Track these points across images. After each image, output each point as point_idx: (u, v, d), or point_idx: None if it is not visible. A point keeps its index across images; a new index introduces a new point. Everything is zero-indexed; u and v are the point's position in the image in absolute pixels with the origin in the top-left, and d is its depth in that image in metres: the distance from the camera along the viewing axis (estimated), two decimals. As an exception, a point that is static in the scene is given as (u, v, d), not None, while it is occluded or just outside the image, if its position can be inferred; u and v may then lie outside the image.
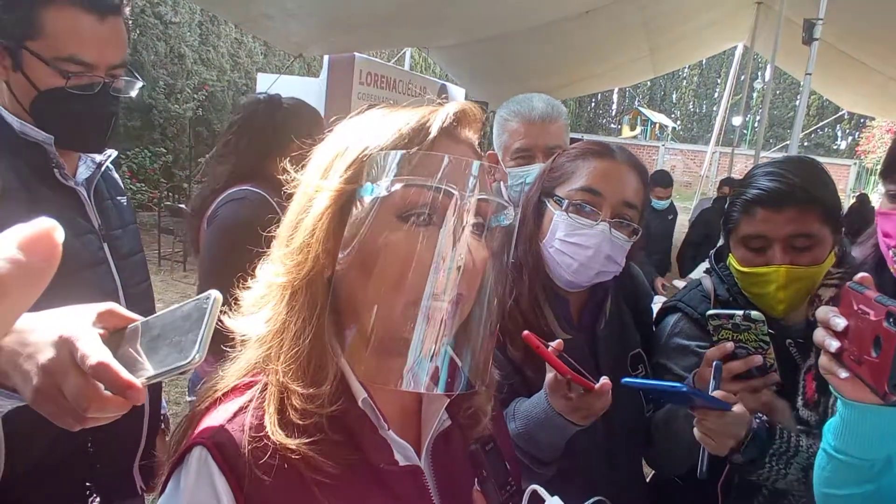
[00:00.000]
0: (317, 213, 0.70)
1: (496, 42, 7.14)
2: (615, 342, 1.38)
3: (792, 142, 4.93)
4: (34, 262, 0.25)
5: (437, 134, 0.71)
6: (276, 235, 0.76)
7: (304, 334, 0.69)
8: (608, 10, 6.42)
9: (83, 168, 1.37)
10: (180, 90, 9.61)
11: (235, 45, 10.88)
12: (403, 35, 6.98)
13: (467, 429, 0.83)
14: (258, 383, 0.71)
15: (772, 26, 6.15)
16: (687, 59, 12.70)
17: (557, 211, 1.28)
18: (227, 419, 0.67)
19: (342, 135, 0.76)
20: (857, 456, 0.91)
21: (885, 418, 0.89)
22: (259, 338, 0.72)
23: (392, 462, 0.72)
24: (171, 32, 9.50)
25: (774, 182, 1.34)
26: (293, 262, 0.70)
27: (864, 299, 0.85)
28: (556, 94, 13.57)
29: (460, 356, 0.72)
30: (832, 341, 0.90)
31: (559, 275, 1.30)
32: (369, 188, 0.68)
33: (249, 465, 0.64)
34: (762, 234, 1.35)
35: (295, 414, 0.66)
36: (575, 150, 1.35)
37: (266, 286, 0.73)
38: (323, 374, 0.69)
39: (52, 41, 1.20)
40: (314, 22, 5.49)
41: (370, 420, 0.72)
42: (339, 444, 0.68)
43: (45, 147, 1.25)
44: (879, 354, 0.81)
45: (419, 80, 8.99)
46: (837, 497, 0.97)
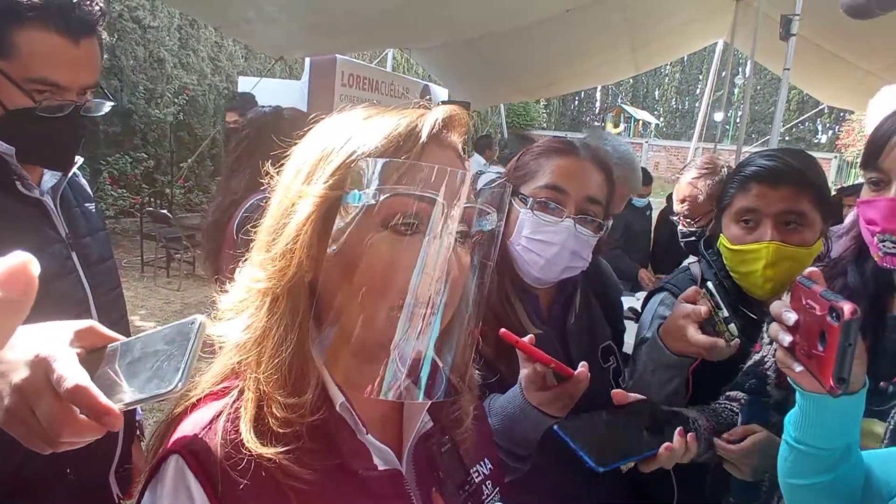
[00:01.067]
0: (300, 219, 0.68)
1: (479, 42, 7.15)
2: (585, 336, 1.40)
3: (773, 136, 4.97)
4: (13, 296, 0.25)
5: (426, 141, 0.70)
6: (255, 240, 0.74)
7: (285, 342, 0.68)
8: (589, 8, 6.43)
9: (48, 176, 1.34)
10: (160, 95, 9.51)
11: (216, 49, 10.78)
12: (385, 36, 6.96)
13: (450, 430, 0.82)
14: (233, 389, 0.69)
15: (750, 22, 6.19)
16: (668, 56, 12.77)
17: (523, 209, 1.30)
18: (203, 426, 0.66)
19: (325, 137, 0.74)
20: (816, 445, 0.94)
21: (843, 408, 0.92)
22: (237, 344, 0.70)
23: (371, 467, 0.71)
24: (149, 37, 9.40)
25: (772, 161, 1.42)
26: (275, 268, 0.69)
27: (811, 294, 0.87)
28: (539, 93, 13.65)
29: (441, 362, 0.71)
30: (785, 336, 0.92)
31: (527, 272, 1.32)
32: (356, 196, 0.67)
33: (224, 473, 0.63)
34: (755, 208, 1.41)
35: (275, 422, 0.65)
36: (539, 148, 1.37)
37: (245, 291, 0.71)
38: (305, 383, 0.68)
39: (23, 62, 1.17)
40: (295, 25, 5.46)
41: (349, 425, 0.71)
42: (316, 451, 0.67)
43: (6, 158, 1.22)
44: (825, 349, 0.83)
45: (402, 80, 9.00)
46: (799, 487, 0.99)
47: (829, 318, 0.82)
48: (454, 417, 0.82)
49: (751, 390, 1.30)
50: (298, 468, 0.64)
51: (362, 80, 7.62)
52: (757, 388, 1.29)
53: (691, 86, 33.15)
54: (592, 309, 1.46)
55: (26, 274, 0.26)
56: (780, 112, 4.87)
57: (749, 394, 1.30)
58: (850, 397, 0.91)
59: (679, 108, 34.27)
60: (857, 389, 0.92)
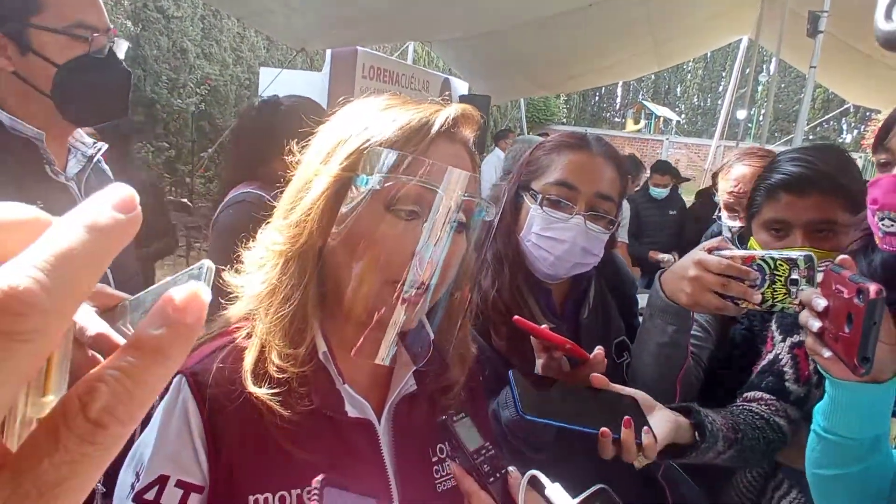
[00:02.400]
0: (315, 194, 0.77)
1: (499, 36, 7.11)
2: (599, 330, 1.39)
3: (797, 135, 4.91)
4: (132, 216, 0.26)
5: (435, 135, 0.79)
6: (277, 207, 0.84)
7: (291, 299, 0.77)
8: (612, 2, 6.37)
9: (73, 162, 1.35)
10: (183, 85, 9.58)
11: (238, 40, 10.84)
12: (406, 29, 6.95)
13: (438, 396, 0.90)
14: (242, 330, 0.82)
15: (776, 19, 6.10)
16: (691, 52, 12.63)
17: (533, 205, 1.29)
18: (206, 355, 0.79)
19: (346, 121, 0.82)
20: (845, 435, 0.94)
21: (873, 397, 0.91)
22: (254, 295, 0.80)
23: (341, 412, 0.81)
24: (173, 27, 9.47)
25: (799, 167, 1.35)
26: (290, 234, 0.78)
27: (841, 279, 0.89)
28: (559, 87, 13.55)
29: (424, 334, 0.81)
30: (814, 321, 0.93)
31: (537, 268, 1.32)
32: (364, 179, 0.74)
33: (214, 397, 0.75)
34: (784, 219, 1.37)
35: (273, 368, 0.75)
36: (551, 143, 1.35)
37: (265, 250, 0.81)
38: (301, 337, 0.78)
39: (55, 10, 1.16)
40: (316, 16, 5.48)
41: (329, 373, 0.81)
42: (301, 396, 0.77)
43: (36, 143, 1.23)
44: (851, 330, 0.85)
45: (422, 73, 8.98)
46: (827, 477, 0.99)
47: (855, 300, 0.84)
48: (444, 386, 0.90)
49: (769, 388, 1.28)
50: (281, 408, 0.75)
51: (383, 73, 7.62)
52: (775, 385, 1.28)
53: (714, 83, 32.76)
54: (607, 304, 1.45)
55: (134, 202, 0.26)
56: (804, 110, 4.80)
57: (768, 392, 1.28)
58: (880, 386, 0.91)
59: (701, 105, 33.88)
60: (887, 378, 0.91)
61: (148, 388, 0.24)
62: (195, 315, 0.26)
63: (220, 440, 0.75)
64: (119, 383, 0.24)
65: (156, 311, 0.26)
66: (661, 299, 1.25)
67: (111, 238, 0.25)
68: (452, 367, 0.90)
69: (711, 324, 1.58)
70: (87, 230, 0.24)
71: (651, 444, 1.02)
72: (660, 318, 1.26)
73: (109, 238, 0.25)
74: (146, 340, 0.25)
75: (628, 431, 1.01)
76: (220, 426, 0.76)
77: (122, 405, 0.23)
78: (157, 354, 0.25)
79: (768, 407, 1.26)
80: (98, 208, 0.25)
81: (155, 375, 0.25)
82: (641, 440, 1.02)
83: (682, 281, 1.18)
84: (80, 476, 0.23)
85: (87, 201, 0.25)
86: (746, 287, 1.10)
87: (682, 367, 1.30)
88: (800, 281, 1.06)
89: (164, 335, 0.25)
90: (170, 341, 0.25)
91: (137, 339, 0.25)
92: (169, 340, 0.25)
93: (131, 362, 0.24)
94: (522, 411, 0.99)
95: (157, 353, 0.25)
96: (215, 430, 0.75)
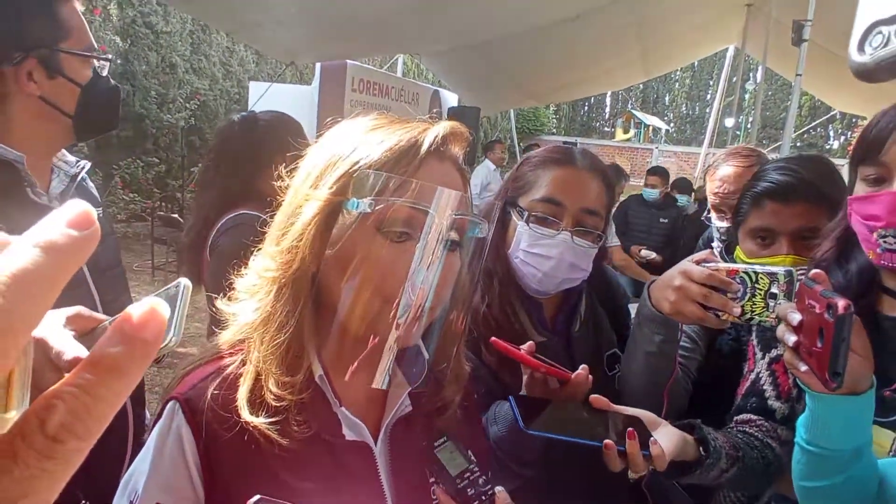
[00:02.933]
0: (306, 219, 0.76)
1: (488, 48, 7.15)
2: (590, 343, 1.39)
3: (784, 142, 4.95)
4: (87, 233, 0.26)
5: (424, 155, 0.78)
6: (268, 233, 0.83)
7: (286, 326, 0.76)
8: (599, 13, 6.43)
9: (56, 182, 1.34)
10: (172, 100, 9.58)
11: (227, 54, 10.85)
12: (395, 42, 6.98)
13: (434, 416, 0.89)
14: (236, 355, 0.80)
15: (762, 28, 6.17)
16: (678, 61, 12.74)
17: (520, 222, 1.29)
18: (200, 379, 0.77)
19: (333, 143, 0.81)
20: (826, 447, 0.95)
21: (852, 408, 0.92)
22: (247, 322, 0.79)
23: (339, 435, 0.80)
24: (162, 42, 9.47)
25: (785, 176, 1.38)
26: (282, 260, 0.77)
27: (813, 294, 0.90)
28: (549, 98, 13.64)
29: (420, 356, 0.81)
30: (790, 336, 0.94)
31: (526, 284, 1.31)
32: (355, 203, 0.74)
33: (209, 424, 0.73)
34: (770, 227, 1.39)
35: (270, 396, 0.74)
36: (536, 158, 1.35)
37: (257, 277, 0.80)
38: (298, 364, 0.77)
39: (77, 35, 1.23)
40: (305, 30, 5.48)
41: (325, 397, 0.80)
42: (299, 423, 0.76)
43: (17, 166, 1.22)
44: (822, 345, 0.86)
45: (412, 86, 9.01)
46: (812, 489, 1.00)
47: (826, 315, 0.85)
48: (438, 406, 0.89)
49: (754, 410, 1.27)
50: (278, 437, 0.73)
51: (373, 86, 7.64)
52: (760, 405, 1.27)
53: (702, 91, 33.03)
54: (598, 316, 1.44)
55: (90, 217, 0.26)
56: (791, 118, 4.84)
57: (755, 414, 1.27)
58: (858, 397, 0.92)
59: (689, 113, 34.14)
60: (864, 389, 0.92)
61: (106, 404, 0.25)
62: (153, 331, 0.26)
63: (216, 468, 0.74)
64: (76, 400, 0.24)
65: (113, 329, 0.26)
66: (648, 308, 1.25)
67: (66, 257, 0.26)
68: (447, 387, 0.89)
69: (699, 335, 1.58)
70: (42, 250, 0.25)
71: (660, 454, 1.01)
72: (647, 327, 1.26)
73: (64, 257, 0.25)
74: (103, 358, 0.25)
75: (633, 443, 1.01)
76: (215, 454, 0.74)
77: (79, 421, 0.24)
78: (113, 371, 0.25)
79: (759, 429, 1.25)
80: (53, 227, 0.26)
81: (112, 391, 0.25)
82: (649, 451, 1.01)
83: (667, 290, 1.18)
84: (40, 491, 0.23)
85: (44, 220, 0.26)
86: (727, 299, 1.10)
87: (669, 377, 1.29)
88: (779, 295, 1.06)
89: (122, 352, 0.26)
90: (127, 358, 0.26)
91: (95, 357, 0.26)
92: (126, 357, 0.26)
93: (88, 379, 0.25)
94: (525, 426, 0.99)
95: (113, 370, 0.25)
96: (211, 458, 0.74)
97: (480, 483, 0.84)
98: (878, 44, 0.75)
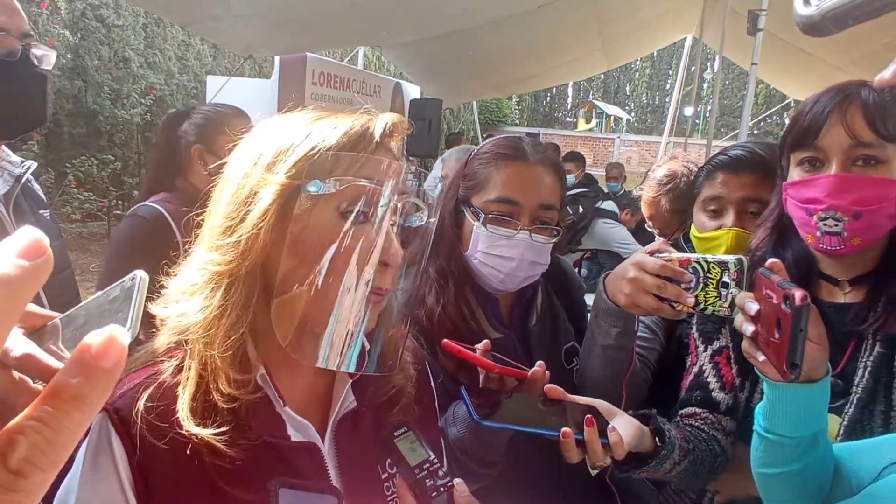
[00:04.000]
0: (263, 205, 0.73)
1: (450, 39, 7.12)
2: (548, 337, 1.38)
3: (742, 130, 5.04)
4: (38, 262, 0.26)
5: (380, 140, 0.78)
6: (209, 224, 0.78)
7: (240, 322, 0.73)
8: (560, 4, 6.45)
9: (0, 183, 1.29)
10: (126, 95, 9.30)
11: (183, 48, 10.58)
12: (355, 33, 6.90)
13: (385, 410, 0.87)
14: (169, 362, 0.75)
15: (718, 18, 6.26)
16: (638, 51, 12.89)
17: (476, 223, 1.26)
18: (130, 388, 0.72)
19: (281, 132, 0.79)
20: (784, 434, 0.96)
21: (808, 396, 0.94)
22: (191, 323, 0.74)
23: (284, 437, 0.77)
24: (114, 36, 9.18)
25: (738, 150, 1.49)
26: (236, 252, 0.73)
27: (770, 284, 0.89)
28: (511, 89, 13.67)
29: (372, 342, 0.79)
30: (748, 325, 0.94)
31: (486, 283, 1.30)
32: (317, 185, 0.73)
33: (143, 435, 0.69)
34: (720, 196, 1.47)
35: (222, 399, 0.71)
36: (487, 154, 1.32)
37: (200, 274, 0.76)
38: (250, 362, 0.75)
39: None
40: (263, 22, 5.38)
41: (268, 398, 0.77)
42: (246, 426, 0.73)
43: None
44: (780, 336, 0.86)
45: (373, 78, 8.93)
46: (770, 475, 1.01)
47: (783, 306, 0.85)
48: (390, 397, 0.87)
49: (699, 402, 1.27)
50: (225, 448, 0.69)
51: (333, 79, 7.54)
52: (704, 397, 1.27)
53: (661, 81, 33.49)
54: (555, 310, 1.43)
55: (41, 244, 0.27)
56: (748, 106, 4.93)
57: (699, 407, 1.27)
58: (814, 385, 0.93)
59: (650, 103, 34.61)
60: (820, 377, 0.94)
61: (68, 435, 0.25)
62: (113, 359, 0.27)
63: (153, 483, 0.70)
64: (37, 433, 0.25)
65: (74, 359, 0.27)
66: (604, 300, 1.24)
67: (19, 289, 0.26)
68: (393, 376, 0.87)
69: (659, 325, 1.59)
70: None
71: (618, 442, 1.00)
72: (604, 319, 1.26)
73: (16, 289, 0.26)
74: (64, 389, 0.26)
75: (591, 430, 1.00)
76: (149, 468, 0.70)
77: (41, 453, 0.25)
78: (75, 401, 0.26)
79: (704, 421, 1.25)
80: (4, 259, 0.26)
81: (75, 422, 0.26)
82: (608, 440, 1.00)
83: (622, 282, 1.18)
84: None
85: None
86: (681, 290, 1.10)
87: (627, 369, 1.29)
88: (730, 284, 1.06)
89: (82, 382, 0.26)
90: (88, 388, 0.26)
91: (56, 388, 0.26)
92: (87, 388, 0.26)
93: (48, 412, 0.25)
94: (479, 418, 0.97)
95: (75, 401, 0.26)
96: (145, 472, 0.70)
97: (439, 475, 0.83)
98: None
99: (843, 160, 1.05)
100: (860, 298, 1.13)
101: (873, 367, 1.08)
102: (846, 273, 1.14)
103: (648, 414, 1.16)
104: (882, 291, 1.11)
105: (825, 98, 1.08)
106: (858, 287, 1.13)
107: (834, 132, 1.05)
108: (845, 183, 1.04)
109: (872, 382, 1.08)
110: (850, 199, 1.04)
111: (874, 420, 1.08)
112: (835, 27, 0.65)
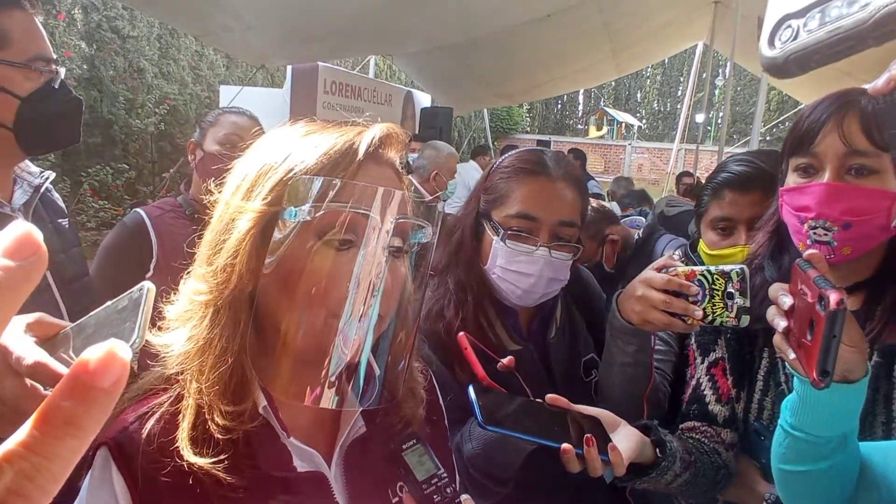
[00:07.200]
0: (240, 234, 0.71)
1: (460, 48, 7.15)
2: (567, 350, 1.36)
3: (753, 137, 5.03)
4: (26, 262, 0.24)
5: (363, 157, 0.74)
6: (198, 252, 0.77)
7: (227, 352, 0.71)
8: (569, 13, 6.46)
9: (19, 193, 1.31)
10: (141, 105, 9.40)
11: (196, 58, 10.69)
12: (367, 43, 6.94)
13: (396, 435, 0.84)
14: (169, 392, 0.74)
15: (729, 24, 6.25)
16: (649, 58, 12.86)
17: (495, 238, 1.25)
18: (132, 421, 0.70)
19: (264, 152, 0.76)
20: (813, 433, 0.91)
21: (843, 397, 0.89)
22: (181, 353, 0.73)
23: (290, 469, 0.74)
24: (129, 47, 9.30)
25: (742, 167, 1.45)
26: (217, 281, 0.72)
27: (805, 278, 0.84)
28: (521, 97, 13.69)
29: (372, 371, 0.73)
30: (780, 321, 0.90)
31: (505, 298, 1.29)
32: (293, 212, 0.69)
33: (145, 469, 0.67)
34: (729, 217, 1.45)
35: (216, 429, 0.68)
36: (508, 168, 1.31)
37: (189, 302, 0.74)
38: (244, 391, 0.72)
39: (18, 45, 1.19)
40: (275, 33, 5.43)
41: (272, 428, 0.75)
42: (249, 456, 0.71)
43: None
44: (812, 338, 0.80)
45: (384, 87, 8.97)
46: (792, 473, 0.97)
47: (817, 307, 0.79)
48: (398, 425, 0.84)
49: (697, 416, 1.26)
50: (225, 476, 0.67)
51: (345, 88, 7.59)
52: (701, 410, 1.26)
53: (673, 87, 33.38)
54: (575, 322, 1.42)
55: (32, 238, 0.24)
56: (759, 113, 4.93)
57: (698, 420, 1.26)
58: (850, 386, 0.88)
59: (661, 109, 34.49)
60: (857, 378, 0.89)
61: (60, 463, 0.23)
62: (113, 377, 0.24)
63: None
64: (25, 461, 0.22)
65: (68, 378, 0.24)
66: (618, 319, 1.24)
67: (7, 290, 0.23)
68: (404, 404, 0.84)
69: (672, 335, 1.58)
70: None
71: (619, 461, 1.00)
72: (620, 339, 1.25)
73: (6, 290, 0.23)
74: (56, 412, 0.23)
75: (591, 450, 0.99)
76: (151, 501, 0.68)
77: (28, 483, 0.22)
78: (68, 427, 0.23)
79: (704, 435, 1.24)
80: None
81: (67, 449, 0.23)
82: (608, 457, 1.00)
83: (632, 300, 1.18)
84: None
85: None
86: (688, 303, 1.10)
87: (647, 385, 1.28)
88: (735, 294, 1.05)
89: (77, 406, 0.23)
90: (83, 413, 0.23)
91: (47, 412, 0.23)
92: (82, 412, 0.23)
93: (37, 438, 0.23)
94: (484, 423, 0.97)
95: (67, 426, 0.23)
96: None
97: (448, 491, 0.82)
98: (787, 37, 0.75)
99: (836, 168, 1.04)
100: (857, 307, 1.11)
101: (871, 378, 1.07)
102: (843, 281, 1.12)
103: (650, 425, 1.16)
104: (879, 300, 1.09)
105: (824, 104, 1.07)
106: (855, 295, 1.12)
107: (829, 139, 1.04)
108: (836, 192, 1.03)
109: (871, 393, 1.05)
110: (840, 208, 1.03)
111: (875, 431, 1.06)
112: (798, 69, 0.66)
